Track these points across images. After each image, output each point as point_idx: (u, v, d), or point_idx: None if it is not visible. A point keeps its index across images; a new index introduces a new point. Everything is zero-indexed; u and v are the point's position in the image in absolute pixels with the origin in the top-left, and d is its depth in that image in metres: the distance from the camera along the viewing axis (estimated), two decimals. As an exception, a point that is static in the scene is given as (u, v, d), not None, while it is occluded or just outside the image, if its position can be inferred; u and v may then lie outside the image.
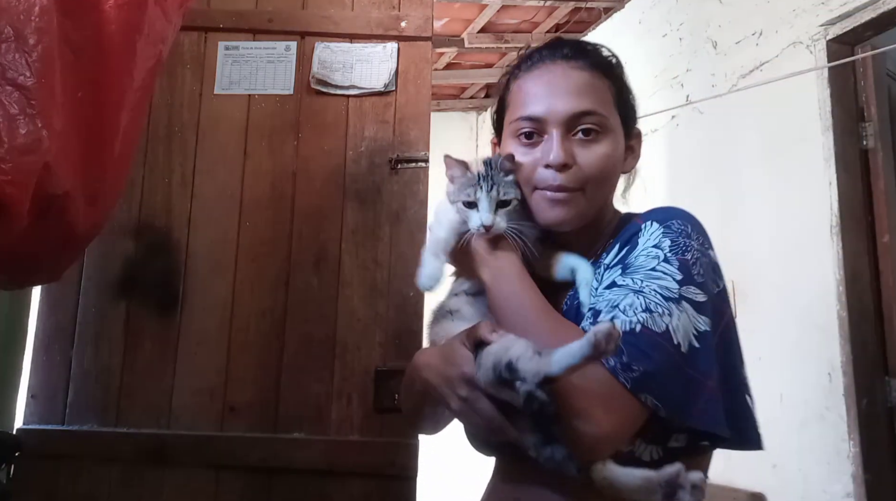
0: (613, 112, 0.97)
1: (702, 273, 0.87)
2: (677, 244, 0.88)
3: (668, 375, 0.81)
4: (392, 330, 1.88)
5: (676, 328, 0.82)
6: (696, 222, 0.93)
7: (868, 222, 2.26)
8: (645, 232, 0.91)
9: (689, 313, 0.83)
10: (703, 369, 0.82)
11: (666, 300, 0.83)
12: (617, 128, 0.98)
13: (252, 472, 1.82)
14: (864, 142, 2.30)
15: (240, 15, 2.05)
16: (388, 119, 1.99)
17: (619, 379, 0.80)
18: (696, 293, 0.85)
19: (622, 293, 0.86)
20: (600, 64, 0.99)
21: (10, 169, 1.01)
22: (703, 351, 0.83)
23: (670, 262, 0.86)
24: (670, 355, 0.81)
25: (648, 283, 0.85)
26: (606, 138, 0.96)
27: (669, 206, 0.96)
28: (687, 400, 0.81)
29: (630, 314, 0.83)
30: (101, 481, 1.84)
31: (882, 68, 2.37)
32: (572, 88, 0.96)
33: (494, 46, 3.84)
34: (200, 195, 1.97)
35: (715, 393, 0.83)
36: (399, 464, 1.78)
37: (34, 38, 1.08)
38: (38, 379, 1.90)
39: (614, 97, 0.98)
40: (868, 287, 2.22)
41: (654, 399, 0.80)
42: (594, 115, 0.95)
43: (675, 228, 0.90)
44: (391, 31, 2.02)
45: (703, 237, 0.91)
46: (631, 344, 0.80)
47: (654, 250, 0.88)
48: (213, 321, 1.90)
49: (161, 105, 2.00)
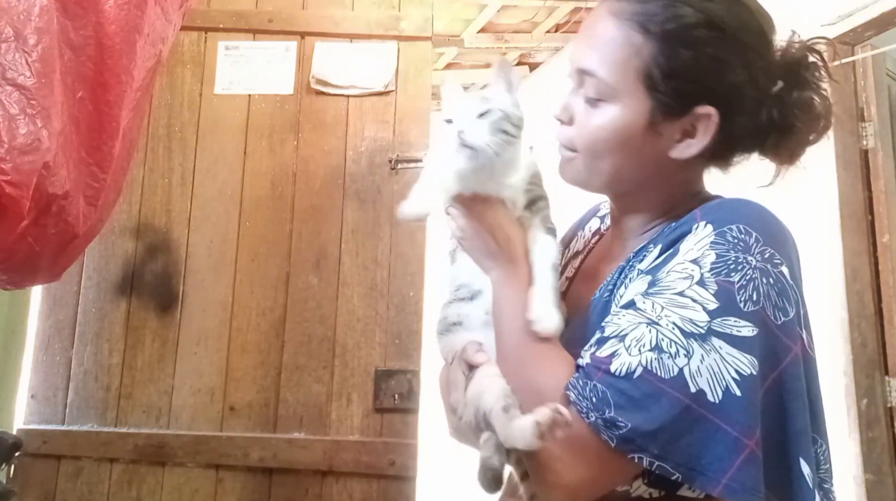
0: (631, 78, 0.77)
1: (755, 298, 0.69)
2: (724, 260, 0.70)
3: (680, 431, 0.66)
4: (392, 330, 1.88)
5: (697, 372, 0.66)
6: (769, 227, 0.74)
7: (868, 222, 2.26)
8: (693, 236, 0.73)
9: (722, 352, 0.67)
10: (742, 422, 0.66)
11: (686, 336, 0.67)
12: (631, 97, 0.78)
13: (252, 472, 1.82)
14: (864, 142, 2.30)
15: (240, 15, 2.05)
16: (388, 119, 1.99)
17: (602, 437, 0.67)
18: (740, 326, 0.68)
19: (635, 321, 0.70)
20: (644, 16, 0.77)
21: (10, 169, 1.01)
22: (744, 399, 0.66)
23: (706, 286, 0.69)
24: (682, 406, 0.66)
25: (669, 313, 0.69)
26: (610, 106, 0.78)
27: (740, 201, 0.78)
28: (712, 461, 0.65)
29: (634, 352, 0.68)
30: (101, 481, 1.84)
31: (882, 68, 2.37)
32: (591, 38, 0.81)
33: (494, 46, 3.84)
34: (200, 195, 1.97)
35: (755, 454, 0.66)
36: (399, 464, 1.78)
37: (34, 38, 1.09)
38: (38, 379, 1.91)
39: (646, 60, 0.76)
40: (868, 287, 2.22)
41: (657, 459, 0.66)
42: (591, 77, 0.79)
43: (731, 237, 0.71)
44: (391, 31, 2.02)
45: (773, 249, 0.72)
46: (622, 394, 0.67)
47: (691, 267, 0.71)
48: (213, 321, 1.90)
49: (161, 105, 2.00)
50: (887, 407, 2.16)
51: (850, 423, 2.12)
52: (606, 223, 0.98)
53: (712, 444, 0.66)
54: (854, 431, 2.11)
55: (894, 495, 2.10)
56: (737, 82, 0.77)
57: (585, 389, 0.70)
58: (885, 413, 2.16)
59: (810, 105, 0.81)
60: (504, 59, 0.87)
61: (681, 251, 0.73)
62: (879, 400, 2.16)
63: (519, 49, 3.94)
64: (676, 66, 0.76)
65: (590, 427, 0.68)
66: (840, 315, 2.19)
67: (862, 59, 2.30)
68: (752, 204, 0.77)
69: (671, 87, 0.77)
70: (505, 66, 0.85)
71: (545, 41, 3.77)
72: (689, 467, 0.66)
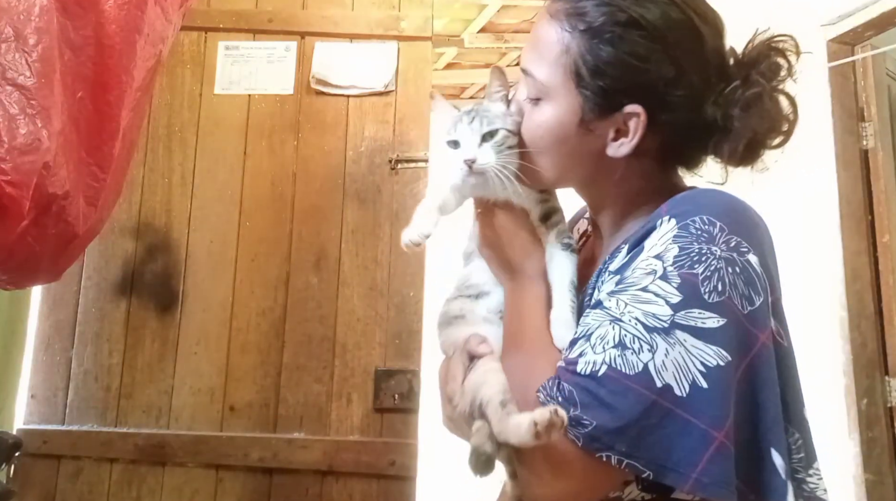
0: (560, 76, 0.79)
1: (720, 289, 0.68)
2: (687, 253, 0.70)
3: (647, 428, 0.65)
4: (392, 330, 1.88)
5: (662, 366, 0.66)
6: (734, 216, 0.73)
7: (868, 222, 2.26)
8: (657, 231, 0.73)
9: (686, 345, 0.66)
10: (711, 414, 0.65)
11: (649, 331, 0.67)
12: (561, 95, 0.79)
13: (252, 472, 1.82)
14: (864, 142, 2.30)
15: (240, 15, 2.05)
16: (388, 119, 1.99)
17: (568, 436, 0.66)
18: (704, 317, 0.67)
19: (599, 319, 0.71)
20: (573, 14, 0.79)
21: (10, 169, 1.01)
22: (712, 391, 0.66)
23: (668, 279, 0.69)
24: (649, 402, 0.65)
25: (632, 309, 0.69)
26: (546, 104, 0.80)
27: (705, 192, 0.78)
28: (682, 456, 0.65)
29: (598, 350, 0.68)
30: (101, 481, 1.84)
31: (882, 68, 2.37)
32: (531, 38, 0.84)
33: (494, 46, 3.84)
34: (200, 195, 1.97)
35: (725, 447, 0.65)
36: (399, 464, 1.78)
37: (34, 38, 1.09)
38: (38, 379, 1.91)
39: (574, 58, 0.78)
40: (868, 287, 2.22)
41: (625, 457, 0.65)
42: (529, 77, 0.81)
43: (694, 229, 0.71)
44: (391, 31, 2.02)
45: (739, 236, 0.71)
46: (587, 392, 0.67)
47: (654, 262, 0.71)
48: (213, 321, 1.90)
49: (161, 105, 2.00)
50: (887, 407, 2.16)
51: (850, 423, 2.12)
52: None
53: (681, 439, 0.65)
54: (854, 431, 2.11)
55: (894, 495, 2.10)
56: (663, 81, 0.77)
57: (553, 389, 0.70)
58: (885, 413, 2.16)
59: (755, 105, 0.78)
60: (497, 67, 0.87)
61: (645, 248, 0.73)
62: (879, 400, 2.16)
63: (519, 49, 3.94)
64: (602, 63, 0.77)
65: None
66: (840, 315, 2.19)
67: (862, 59, 2.30)
68: (718, 193, 0.76)
69: (598, 85, 0.77)
70: (498, 74, 0.86)
71: None
72: (659, 463, 0.65)
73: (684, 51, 0.77)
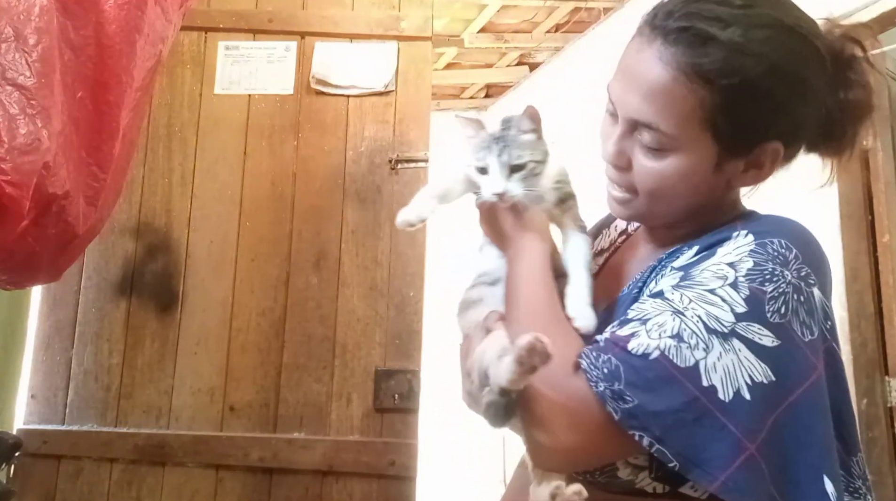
0: (695, 128, 0.75)
1: (783, 312, 0.69)
2: (760, 270, 0.70)
3: (684, 420, 0.66)
4: (392, 329, 1.88)
5: (712, 367, 0.67)
6: (809, 248, 0.74)
7: (868, 222, 2.26)
8: (732, 242, 0.74)
9: (740, 355, 0.67)
10: (747, 426, 0.66)
11: (708, 332, 0.68)
12: (696, 146, 0.76)
13: (252, 472, 1.82)
14: (863, 142, 2.30)
15: (240, 15, 2.05)
16: (388, 119, 1.99)
17: (607, 408, 0.68)
18: (763, 334, 0.68)
19: (660, 308, 0.71)
20: (704, 67, 0.73)
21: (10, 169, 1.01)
22: (753, 404, 0.66)
23: (738, 289, 0.69)
24: (691, 397, 0.66)
25: (696, 306, 0.69)
26: (672, 156, 0.77)
27: (785, 219, 0.79)
28: (713, 457, 0.66)
29: (654, 336, 0.69)
30: (101, 481, 1.84)
31: (882, 68, 2.37)
32: (643, 85, 0.76)
33: (494, 46, 3.84)
34: (200, 195, 1.97)
35: (755, 459, 0.66)
36: (399, 464, 1.78)
37: (34, 38, 1.09)
38: (38, 379, 1.91)
39: (710, 110, 0.74)
40: (868, 287, 2.21)
41: (656, 441, 0.67)
42: (652, 131, 0.76)
43: (771, 250, 0.72)
44: (391, 31, 2.02)
45: (809, 268, 0.72)
46: (634, 371, 0.68)
47: (726, 268, 0.71)
48: (213, 321, 1.90)
49: (161, 105, 2.00)
50: (887, 407, 2.16)
51: (850, 423, 2.12)
52: (633, 224, 0.99)
53: (715, 441, 0.66)
54: (854, 431, 2.11)
55: (894, 495, 2.10)
56: (803, 115, 0.78)
57: (598, 360, 0.71)
58: (885, 413, 2.16)
59: (858, 106, 0.81)
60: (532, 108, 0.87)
61: (718, 254, 0.74)
62: (879, 400, 2.16)
63: (519, 49, 3.94)
64: (743, 114, 0.75)
65: (596, 396, 0.69)
66: (840, 315, 2.18)
67: (862, 58, 2.30)
68: (795, 223, 0.78)
69: (738, 133, 0.76)
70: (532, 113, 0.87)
71: (545, 41, 3.77)
72: (688, 457, 0.66)
73: (814, 76, 0.77)
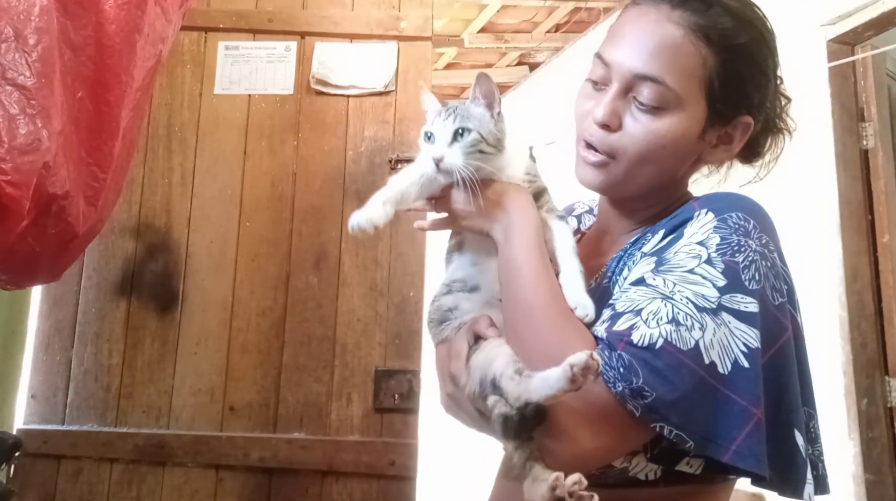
0: (695, 87, 0.79)
1: (757, 278, 0.73)
2: (728, 243, 0.74)
3: (696, 402, 0.68)
4: (392, 329, 1.88)
5: (710, 344, 0.69)
6: (762, 217, 0.78)
7: (868, 222, 2.26)
8: (695, 222, 0.77)
9: (731, 326, 0.71)
10: (750, 393, 0.69)
11: (699, 310, 0.70)
12: (693, 106, 0.80)
13: (252, 472, 1.82)
14: (864, 142, 2.30)
15: (240, 15, 2.05)
16: (388, 119, 1.99)
17: (627, 406, 0.69)
18: (746, 302, 0.72)
19: (648, 296, 0.73)
20: (710, 28, 0.78)
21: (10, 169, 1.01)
22: (751, 370, 0.70)
23: (713, 264, 0.73)
24: (698, 378, 0.69)
25: (682, 288, 0.72)
26: (670, 114, 0.79)
27: (735, 194, 0.81)
28: (723, 430, 0.69)
29: (652, 325, 0.70)
30: (101, 481, 1.84)
31: (882, 68, 2.37)
32: (650, 43, 0.79)
33: (494, 46, 3.84)
34: (200, 195, 1.97)
35: (761, 423, 0.69)
36: (399, 464, 1.78)
37: (34, 38, 1.09)
38: (38, 379, 1.91)
39: (710, 71, 0.79)
40: (868, 287, 2.22)
41: (676, 429, 0.68)
42: (657, 85, 0.78)
43: (732, 223, 0.76)
44: (391, 31, 2.02)
45: (767, 236, 0.77)
46: (647, 365, 0.69)
47: (698, 247, 0.75)
48: (213, 321, 1.90)
49: (161, 105, 2.00)
50: (887, 407, 2.16)
51: (850, 423, 2.12)
52: (585, 222, 1.02)
53: (723, 414, 0.69)
54: (854, 431, 2.11)
55: (894, 495, 2.10)
56: (769, 94, 0.84)
57: (612, 359, 0.71)
58: (885, 413, 2.16)
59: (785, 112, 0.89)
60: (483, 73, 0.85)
61: (685, 235, 0.77)
62: (879, 400, 2.16)
63: (519, 49, 3.94)
64: (734, 77, 0.80)
65: (616, 397, 0.69)
66: (840, 315, 2.19)
67: (862, 59, 2.30)
68: (744, 196, 0.81)
69: (726, 97, 0.81)
70: (485, 80, 0.84)
71: (545, 41, 3.77)
72: (702, 435, 0.68)
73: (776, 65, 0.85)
